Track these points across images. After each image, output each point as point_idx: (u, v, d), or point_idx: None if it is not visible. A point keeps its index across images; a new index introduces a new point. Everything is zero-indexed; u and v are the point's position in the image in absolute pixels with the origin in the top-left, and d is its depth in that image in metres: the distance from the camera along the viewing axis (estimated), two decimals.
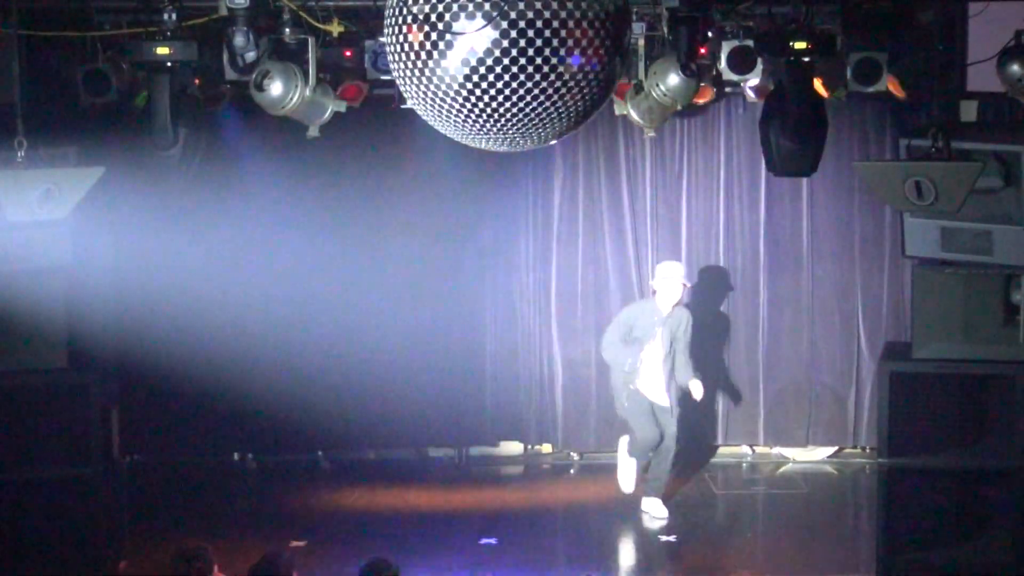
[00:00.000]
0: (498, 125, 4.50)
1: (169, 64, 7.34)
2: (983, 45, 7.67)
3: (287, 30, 7.74)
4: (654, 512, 9.73)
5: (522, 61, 4.33)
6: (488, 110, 4.44)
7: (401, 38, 4.44)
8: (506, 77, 4.36)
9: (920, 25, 7.95)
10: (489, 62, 4.34)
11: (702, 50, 7.86)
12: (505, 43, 4.31)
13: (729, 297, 10.98)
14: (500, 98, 4.39)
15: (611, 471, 10.00)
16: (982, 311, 8.07)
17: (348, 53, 8.14)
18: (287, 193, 10.62)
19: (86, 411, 8.10)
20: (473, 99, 4.42)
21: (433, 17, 4.36)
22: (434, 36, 4.36)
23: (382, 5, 4.65)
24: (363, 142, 10.46)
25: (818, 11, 7.59)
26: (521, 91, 4.37)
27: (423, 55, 4.41)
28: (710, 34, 7.86)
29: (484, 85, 4.38)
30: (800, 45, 7.25)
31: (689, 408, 9.96)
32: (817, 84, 7.82)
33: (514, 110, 4.43)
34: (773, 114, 7.66)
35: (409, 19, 4.41)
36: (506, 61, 4.33)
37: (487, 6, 4.29)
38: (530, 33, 4.31)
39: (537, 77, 4.36)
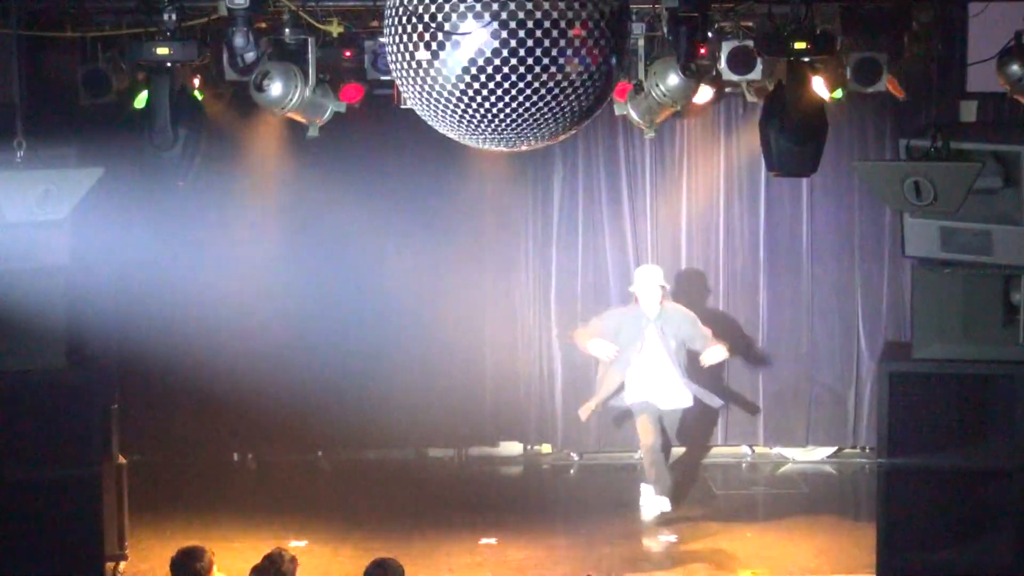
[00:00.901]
0: (497, 125, 4.49)
1: (169, 64, 7.33)
2: (983, 45, 7.68)
3: (287, 30, 7.74)
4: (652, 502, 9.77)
5: (518, 62, 4.33)
6: (487, 110, 4.43)
7: (405, 37, 4.43)
8: (502, 77, 4.35)
9: (920, 25, 7.95)
10: (487, 62, 4.33)
11: (702, 50, 7.86)
12: (502, 43, 4.31)
13: (729, 297, 10.97)
14: (499, 98, 4.39)
15: (611, 471, 10.01)
16: (982, 311, 8.06)
17: (348, 53, 8.14)
18: (286, 193, 10.62)
19: (86, 411, 8.09)
20: (469, 99, 4.42)
21: (428, 18, 4.35)
22: (438, 36, 4.36)
23: (382, 5, 4.64)
24: (363, 142, 10.46)
25: (818, 11, 7.58)
26: (520, 92, 4.37)
27: (426, 55, 4.41)
28: (710, 34, 7.85)
29: (482, 85, 4.37)
30: (800, 45, 7.24)
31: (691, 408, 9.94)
32: (817, 84, 7.82)
33: (513, 110, 4.42)
34: (773, 114, 7.65)
35: (414, 19, 4.40)
36: (502, 62, 4.33)
37: (489, 6, 4.29)
38: (528, 34, 4.30)
39: (532, 77, 4.35)
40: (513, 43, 4.29)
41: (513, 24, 4.28)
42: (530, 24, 4.28)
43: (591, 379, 10.94)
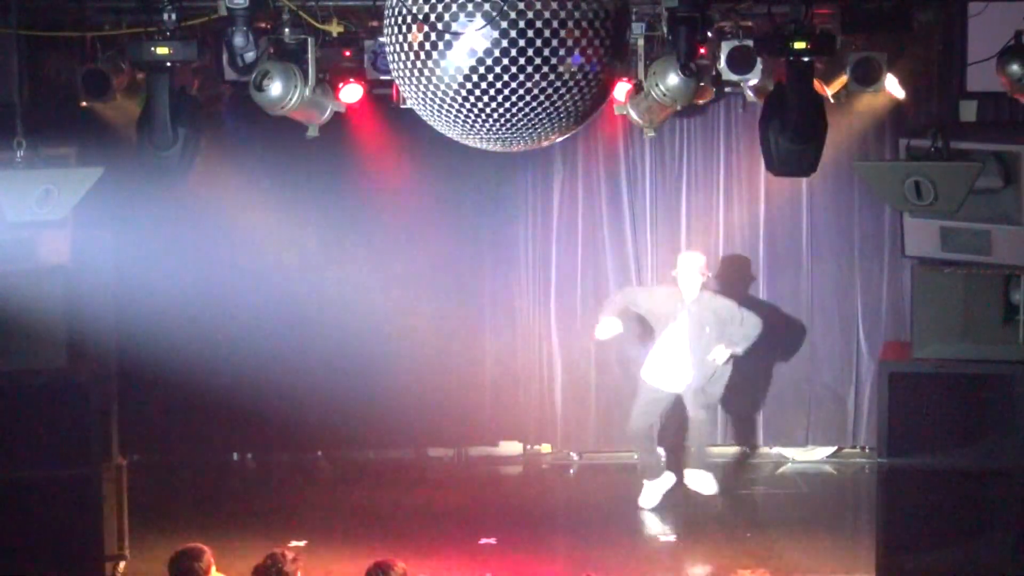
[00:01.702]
0: (497, 125, 4.50)
1: (169, 64, 7.33)
2: (983, 45, 7.66)
3: (287, 30, 7.73)
4: (697, 484, 9.89)
5: (519, 61, 4.33)
6: (487, 110, 4.44)
7: (401, 38, 4.44)
8: (502, 77, 4.36)
9: (920, 25, 7.94)
10: (488, 62, 4.34)
11: (702, 50, 7.86)
12: (503, 43, 4.31)
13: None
14: (498, 98, 4.40)
15: (610, 471, 10.00)
16: (982, 311, 8.06)
17: (348, 53, 8.13)
18: (286, 193, 10.62)
19: (86, 411, 8.09)
20: (468, 98, 4.42)
21: (432, 17, 4.36)
22: (433, 36, 4.36)
23: (382, 5, 4.65)
24: (363, 142, 10.46)
25: (818, 11, 7.58)
26: (519, 91, 4.38)
27: (422, 55, 4.41)
28: (710, 34, 7.85)
29: (481, 85, 4.37)
30: (800, 45, 7.23)
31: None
32: (817, 84, 7.81)
33: (513, 110, 4.43)
34: (773, 114, 7.64)
35: (409, 19, 4.41)
36: (504, 61, 4.33)
37: (487, 6, 4.29)
38: (529, 33, 4.31)
39: (532, 78, 4.36)
40: (516, 42, 4.30)
41: (518, 23, 4.29)
42: (532, 24, 4.29)
43: (590, 378, 10.99)
